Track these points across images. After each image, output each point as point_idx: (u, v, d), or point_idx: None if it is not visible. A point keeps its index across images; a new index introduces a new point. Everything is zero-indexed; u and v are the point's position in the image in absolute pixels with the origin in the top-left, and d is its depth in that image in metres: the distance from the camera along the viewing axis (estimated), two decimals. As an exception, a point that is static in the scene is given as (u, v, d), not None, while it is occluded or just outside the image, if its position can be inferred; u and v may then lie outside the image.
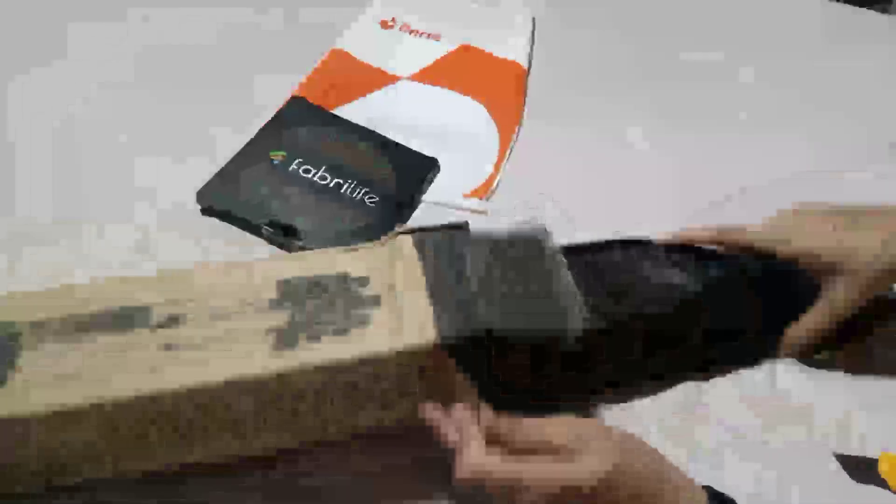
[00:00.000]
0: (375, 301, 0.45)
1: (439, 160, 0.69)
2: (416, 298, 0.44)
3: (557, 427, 0.43)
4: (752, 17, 0.85)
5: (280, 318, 0.44)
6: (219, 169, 0.66)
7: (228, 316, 0.44)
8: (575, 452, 0.41)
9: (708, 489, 0.44)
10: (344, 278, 0.46)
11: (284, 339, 0.43)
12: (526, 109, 0.75)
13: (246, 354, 0.42)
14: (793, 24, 0.84)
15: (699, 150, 0.71)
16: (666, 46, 0.82)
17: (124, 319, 0.44)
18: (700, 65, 0.80)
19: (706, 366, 0.56)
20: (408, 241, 0.48)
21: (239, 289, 0.46)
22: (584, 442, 0.42)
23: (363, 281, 0.46)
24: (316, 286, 0.45)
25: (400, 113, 0.74)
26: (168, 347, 0.42)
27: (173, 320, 0.44)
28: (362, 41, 0.80)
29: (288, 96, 0.73)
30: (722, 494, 0.45)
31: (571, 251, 0.53)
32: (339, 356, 0.42)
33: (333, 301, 0.45)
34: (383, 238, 0.49)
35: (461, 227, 0.50)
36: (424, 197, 0.67)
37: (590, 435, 0.42)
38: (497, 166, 0.70)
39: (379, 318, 0.44)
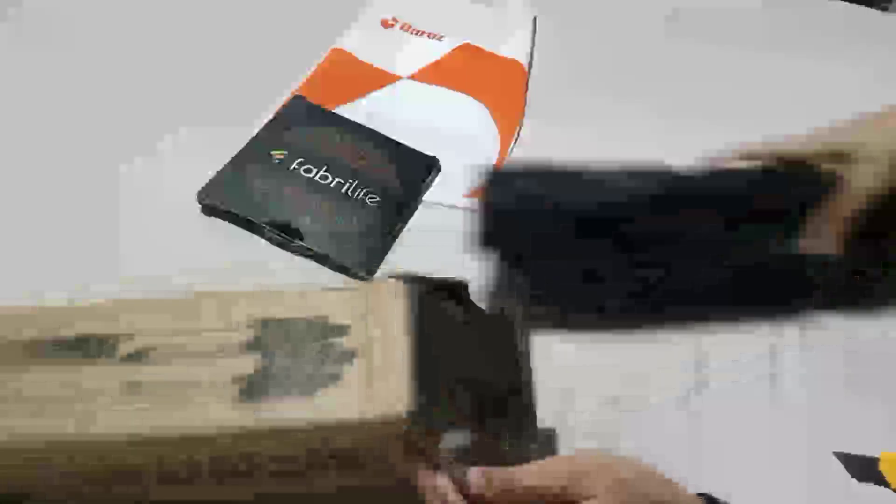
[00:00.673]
0: (350, 357, 0.42)
1: (440, 160, 0.69)
2: (394, 364, 0.42)
3: (554, 468, 0.40)
4: (753, 17, 0.85)
5: (248, 366, 0.42)
6: (219, 168, 0.66)
7: (199, 355, 0.42)
8: (575, 497, 0.39)
9: (705, 496, 0.44)
10: (323, 324, 0.43)
11: (248, 391, 0.41)
12: (526, 109, 0.75)
13: (206, 407, 0.41)
14: (793, 24, 0.84)
15: (700, 150, 0.71)
16: (667, 46, 0.82)
17: (89, 347, 0.42)
18: (701, 64, 0.80)
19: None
20: (399, 292, 0.44)
21: (214, 324, 0.44)
22: (586, 482, 0.39)
23: (342, 330, 0.43)
24: (292, 330, 0.43)
25: (400, 112, 0.74)
26: (131, 387, 0.41)
27: (139, 355, 0.42)
28: (363, 40, 0.80)
29: (288, 96, 0.73)
30: (718, 501, 0.44)
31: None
32: (297, 420, 0.40)
33: (306, 351, 0.42)
34: (373, 280, 0.45)
35: (458, 286, 0.47)
36: (425, 197, 0.68)
37: (590, 474, 0.39)
38: (498, 166, 0.70)
39: (350, 379, 0.41)
